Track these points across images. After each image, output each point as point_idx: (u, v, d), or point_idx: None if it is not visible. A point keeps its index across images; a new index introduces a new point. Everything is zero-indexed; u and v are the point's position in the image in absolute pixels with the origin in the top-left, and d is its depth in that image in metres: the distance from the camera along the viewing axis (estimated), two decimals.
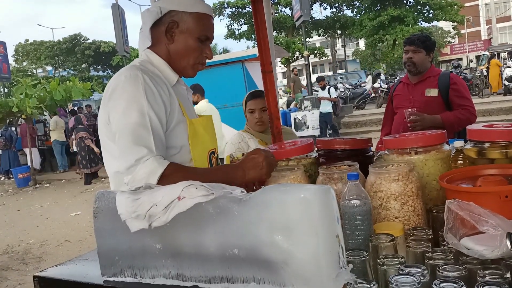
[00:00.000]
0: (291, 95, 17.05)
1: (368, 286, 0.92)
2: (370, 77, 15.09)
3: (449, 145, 1.61)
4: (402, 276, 0.93)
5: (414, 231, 1.21)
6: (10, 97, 14.37)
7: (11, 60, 32.42)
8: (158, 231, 1.00)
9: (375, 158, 1.80)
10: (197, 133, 1.44)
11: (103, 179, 10.92)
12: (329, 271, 0.85)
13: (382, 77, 16.92)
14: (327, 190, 0.88)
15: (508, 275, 0.92)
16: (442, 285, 0.88)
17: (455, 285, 0.88)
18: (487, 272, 0.93)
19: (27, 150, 12.48)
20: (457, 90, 2.91)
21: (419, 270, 0.96)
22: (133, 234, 1.02)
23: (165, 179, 1.20)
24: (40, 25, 58.05)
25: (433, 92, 2.89)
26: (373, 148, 1.94)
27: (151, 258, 1.04)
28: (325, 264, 0.85)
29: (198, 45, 1.46)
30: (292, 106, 14.43)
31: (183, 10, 1.43)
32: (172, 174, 1.22)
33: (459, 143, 1.61)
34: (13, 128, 14.88)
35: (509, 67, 14.99)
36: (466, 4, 32.27)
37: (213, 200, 0.94)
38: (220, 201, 0.94)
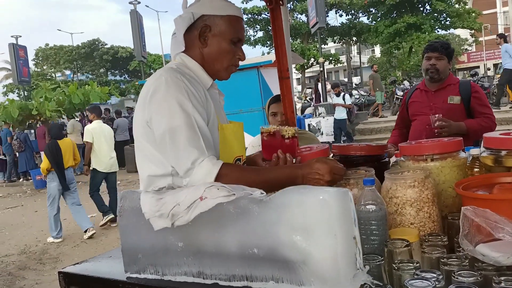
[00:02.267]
0: (370, 94, 15.86)
1: None
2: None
3: (465, 152, 1.61)
4: (417, 281, 0.94)
5: (430, 237, 1.22)
6: (30, 100, 14.68)
7: (31, 64, 33.01)
8: (181, 230, 1.03)
9: (391, 164, 1.81)
10: (226, 138, 1.45)
11: (118, 182, 11.04)
12: (346, 272, 0.87)
13: (406, 83, 16.24)
14: (345, 193, 0.90)
15: None
16: None
17: None
18: (502, 278, 0.93)
19: (42, 153, 12.71)
20: (479, 98, 2.92)
21: (434, 275, 0.97)
22: (156, 232, 1.06)
23: (220, 179, 1.20)
24: (59, 30, 59.31)
25: (456, 100, 2.87)
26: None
27: (173, 256, 1.07)
28: (343, 264, 0.87)
29: (231, 47, 1.48)
30: (309, 111, 14.38)
31: (215, 13, 1.45)
32: (228, 174, 1.23)
33: (475, 151, 1.62)
34: (32, 131, 15.19)
35: None
36: (484, 12, 31.81)
37: (234, 201, 0.97)
38: (241, 201, 0.97)
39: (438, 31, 26.56)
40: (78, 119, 14.47)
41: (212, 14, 1.45)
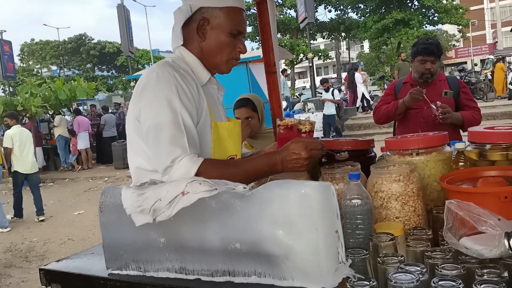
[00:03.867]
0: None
1: (367, 283, 0.94)
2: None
3: (450, 146, 1.62)
4: (401, 274, 0.94)
5: (414, 231, 1.22)
6: (15, 96, 14.46)
7: (16, 60, 32.51)
8: (162, 225, 1.02)
9: (377, 158, 1.81)
10: (219, 136, 1.41)
11: (106, 178, 10.97)
12: (328, 266, 0.87)
13: None
14: (328, 187, 0.90)
15: (506, 274, 0.93)
16: (440, 283, 0.90)
17: (454, 283, 0.89)
18: (485, 271, 0.94)
19: None
20: (467, 93, 3.01)
21: (418, 268, 0.97)
22: (137, 228, 1.04)
23: (201, 177, 1.18)
24: (45, 24, 58.50)
25: (449, 94, 2.89)
26: (375, 149, 1.95)
27: (155, 251, 1.05)
28: (325, 258, 0.86)
29: (231, 40, 1.43)
30: (298, 107, 14.39)
31: (213, 6, 1.41)
32: (208, 171, 1.21)
33: (460, 145, 1.63)
34: None
35: None
36: (472, 8, 32.14)
37: (216, 196, 0.96)
38: (223, 196, 0.96)
39: (426, 27, 26.77)
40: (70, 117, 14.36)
41: (210, 6, 1.41)
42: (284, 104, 13.41)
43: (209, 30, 1.42)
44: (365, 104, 14.52)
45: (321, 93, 13.49)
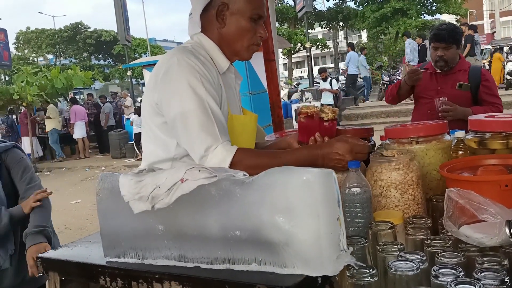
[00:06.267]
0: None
1: (367, 271, 0.93)
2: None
3: (450, 135, 1.62)
4: (401, 262, 0.94)
5: (414, 219, 1.22)
6: (11, 84, 14.35)
7: (12, 48, 32.16)
8: (161, 213, 1.01)
9: (376, 147, 1.81)
10: (233, 130, 1.38)
11: (103, 168, 10.96)
12: (329, 253, 0.86)
13: None
14: (329, 173, 0.89)
15: (506, 262, 0.93)
16: (440, 271, 0.89)
17: (454, 271, 0.89)
18: (485, 259, 0.94)
19: (24, 138, 12.49)
20: (488, 87, 2.81)
21: (418, 256, 0.97)
22: (136, 215, 1.03)
23: (235, 166, 1.19)
24: (41, 12, 57.99)
25: (465, 87, 2.73)
26: (374, 138, 1.95)
27: (154, 239, 1.05)
28: (326, 246, 0.86)
29: (251, 25, 1.39)
30: (296, 96, 14.38)
31: None
32: (243, 160, 1.21)
33: (460, 134, 1.62)
34: (14, 116, 14.89)
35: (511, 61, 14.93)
36: None
37: (215, 182, 0.95)
38: (222, 183, 0.95)
39: (424, 17, 26.66)
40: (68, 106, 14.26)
41: None
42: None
43: (228, 15, 1.37)
44: None
45: (318, 83, 13.45)
